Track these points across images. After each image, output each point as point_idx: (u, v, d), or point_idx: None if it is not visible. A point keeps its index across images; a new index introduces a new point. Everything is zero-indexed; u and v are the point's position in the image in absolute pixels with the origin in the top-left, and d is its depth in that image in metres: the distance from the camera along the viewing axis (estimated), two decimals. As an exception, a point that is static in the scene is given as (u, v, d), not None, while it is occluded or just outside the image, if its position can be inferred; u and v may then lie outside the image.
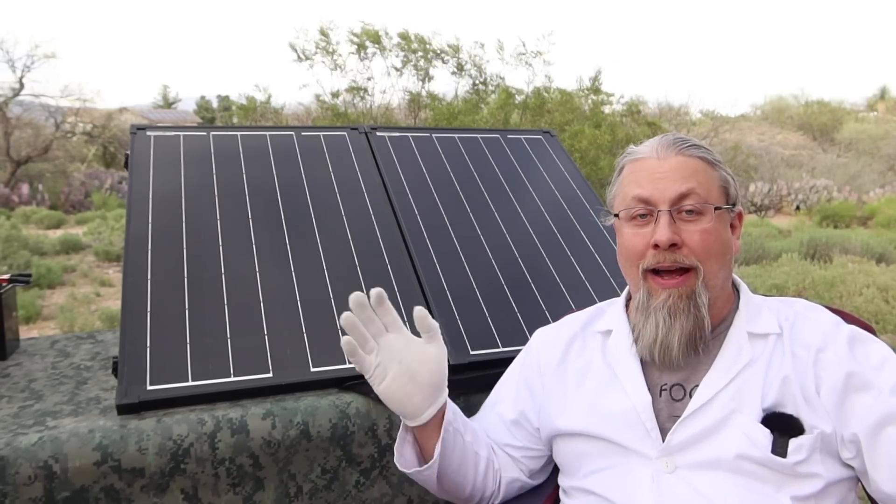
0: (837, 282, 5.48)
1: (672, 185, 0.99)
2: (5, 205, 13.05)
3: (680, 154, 1.02)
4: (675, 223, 0.99)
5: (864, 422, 0.91)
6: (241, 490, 1.22)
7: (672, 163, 1.01)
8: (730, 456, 0.93)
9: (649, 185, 1.01)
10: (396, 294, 1.53)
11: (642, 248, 1.01)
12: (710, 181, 1.02)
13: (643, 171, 1.03)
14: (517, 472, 1.17)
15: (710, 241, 0.99)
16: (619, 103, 12.56)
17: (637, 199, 1.02)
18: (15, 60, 17.56)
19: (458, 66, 11.93)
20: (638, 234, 1.02)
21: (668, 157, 1.02)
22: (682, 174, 1.00)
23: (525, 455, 1.17)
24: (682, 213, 0.99)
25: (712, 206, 1.00)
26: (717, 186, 1.02)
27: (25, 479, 1.09)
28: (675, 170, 1.01)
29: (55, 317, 5.65)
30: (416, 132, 2.09)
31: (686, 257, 0.98)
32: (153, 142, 1.80)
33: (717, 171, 1.03)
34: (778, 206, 14.43)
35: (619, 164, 1.10)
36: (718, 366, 0.99)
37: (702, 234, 0.98)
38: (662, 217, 0.98)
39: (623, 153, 1.10)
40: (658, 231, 0.98)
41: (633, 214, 1.02)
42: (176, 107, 35.87)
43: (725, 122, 17.95)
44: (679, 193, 0.99)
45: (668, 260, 0.98)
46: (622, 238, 1.06)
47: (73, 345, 1.70)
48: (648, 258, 1.00)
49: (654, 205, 1.00)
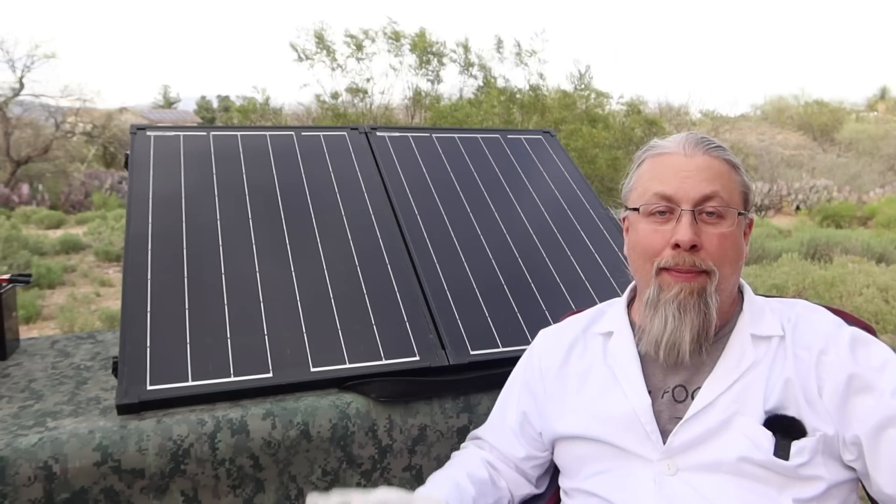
0: (837, 282, 5.48)
1: (697, 185, 0.98)
2: (5, 205, 13.05)
3: (707, 154, 1.00)
4: (697, 224, 0.97)
5: (865, 424, 0.91)
6: (241, 492, 1.22)
7: (698, 162, 0.99)
8: (732, 458, 0.93)
9: (674, 183, 0.99)
10: (396, 294, 1.53)
11: (660, 245, 0.99)
12: (733, 185, 1.00)
13: (667, 167, 1.01)
14: (527, 486, 1.17)
15: (728, 246, 0.98)
16: (619, 103, 12.57)
17: (659, 196, 0.99)
18: (15, 60, 17.57)
19: (467, 64, 11.97)
20: (657, 230, 0.99)
21: (695, 156, 1.00)
22: (707, 175, 0.98)
23: (533, 465, 1.16)
24: (703, 214, 0.98)
25: (734, 210, 0.99)
26: (739, 191, 1.01)
27: (25, 480, 1.09)
28: (702, 170, 0.99)
29: (55, 317, 5.65)
30: (416, 132, 2.09)
31: (703, 260, 0.96)
32: (153, 142, 1.80)
33: (740, 175, 1.02)
34: (778, 206, 14.43)
35: (639, 158, 1.07)
36: (721, 368, 0.98)
37: (720, 238, 0.97)
38: (685, 216, 0.97)
39: (645, 147, 1.07)
40: (680, 231, 0.96)
41: (653, 210, 1.00)
42: (176, 107, 35.86)
43: (725, 122, 17.95)
44: (703, 195, 0.97)
45: (686, 262, 0.96)
46: (637, 233, 1.03)
47: (73, 345, 1.70)
48: (666, 257, 0.98)
49: (676, 203, 0.98)
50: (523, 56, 11.86)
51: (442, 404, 1.36)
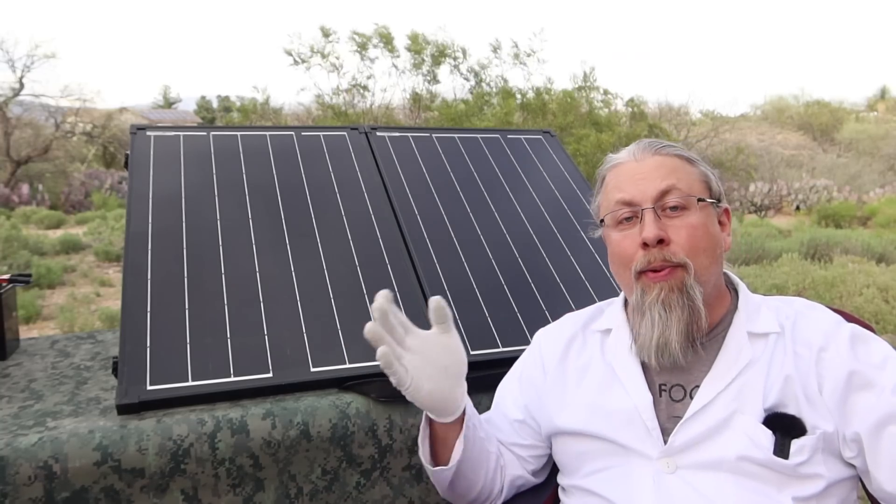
0: (837, 282, 5.48)
1: (652, 183, 1.01)
2: (5, 205, 13.06)
3: (657, 154, 1.04)
4: (661, 220, 0.99)
5: (865, 421, 0.91)
6: (241, 491, 1.22)
7: (650, 163, 1.03)
8: (732, 457, 0.93)
9: (631, 187, 1.02)
10: (397, 294, 1.53)
11: (632, 250, 1.01)
12: (690, 176, 1.03)
13: (623, 175, 1.05)
14: (521, 469, 1.17)
15: (698, 236, 0.99)
16: (626, 104, 12.59)
17: (621, 203, 1.03)
18: (15, 60, 17.58)
19: (467, 69, 11.99)
20: (626, 236, 1.02)
21: (646, 158, 1.04)
22: (661, 172, 1.02)
23: (531, 454, 1.16)
24: (666, 210, 1.00)
25: (695, 198, 1.00)
26: (699, 181, 1.03)
27: (25, 480, 1.09)
28: (654, 169, 1.02)
29: (55, 317, 5.65)
30: (416, 132, 2.09)
31: (675, 254, 0.98)
32: (153, 142, 1.80)
33: (696, 167, 1.05)
34: (778, 206, 14.43)
35: (600, 175, 1.11)
36: (719, 366, 0.98)
37: (688, 228, 0.98)
38: (647, 215, 0.99)
39: (602, 163, 1.11)
40: (645, 229, 0.98)
41: (619, 218, 1.03)
42: (176, 107, 35.88)
43: (725, 122, 17.94)
44: (660, 190, 1.00)
45: (657, 259, 0.98)
46: (611, 244, 1.06)
47: (73, 345, 1.70)
48: (639, 259, 1.00)
49: (637, 205, 1.01)
50: (521, 56, 11.87)
51: (442, 404, 1.36)
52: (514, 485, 1.17)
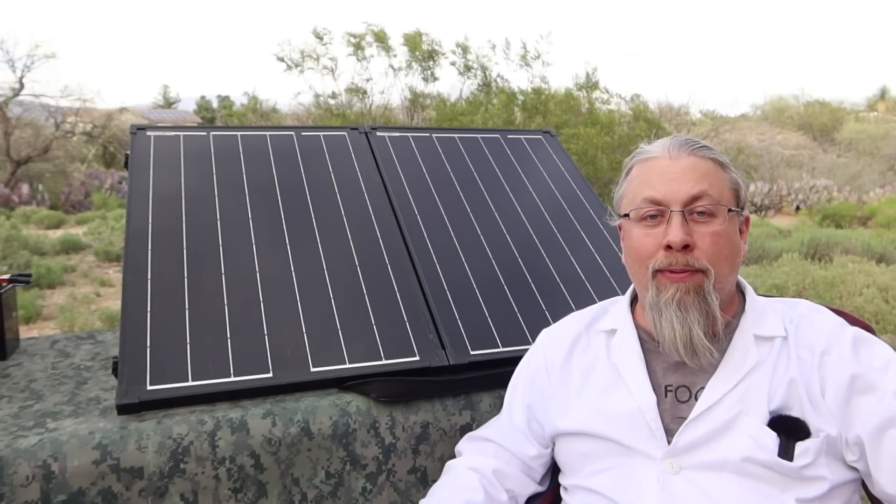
0: (838, 282, 5.48)
1: (685, 185, 0.98)
2: (5, 205, 13.05)
3: (692, 155, 1.01)
4: (687, 224, 0.97)
5: (867, 424, 0.91)
6: (242, 497, 1.21)
7: (684, 163, 1.00)
8: (736, 458, 0.93)
9: (661, 186, 0.99)
10: (396, 294, 1.53)
11: (653, 248, 0.99)
12: (722, 183, 1.01)
13: (654, 171, 1.02)
14: (533, 485, 1.16)
15: (722, 244, 0.98)
16: (622, 102, 12.56)
17: (648, 200, 1.00)
18: (15, 60, 17.58)
19: (466, 67, 11.96)
20: (649, 234, 1.00)
21: (681, 158, 1.01)
22: (694, 175, 0.99)
23: (539, 462, 1.16)
24: (693, 214, 0.98)
25: (725, 207, 0.99)
26: (729, 189, 1.01)
27: (23, 480, 1.08)
28: (688, 170, 1.00)
29: (55, 317, 5.65)
30: (416, 132, 2.09)
31: (697, 260, 0.96)
32: (153, 142, 1.80)
33: (728, 173, 1.03)
34: (778, 206, 14.43)
35: (627, 165, 1.08)
36: (725, 368, 0.98)
37: (713, 236, 0.97)
38: (675, 218, 0.97)
39: (632, 154, 1.08)
40: (671, 232, 0.97)
41: (644, 215, 1.01)
42: (176, 107, 35.86)
43: (725, 122, 17.94)
44: (692, 195, 0.98)
45: (679, 262, 0.97)
46: (631, 239, 1.04)
47: (73, 345, 1.70)
48: (659, 259, 0.98)
49: (666, 205, 0.99)
50: (528, 59, 11.86)
51: (443, 402, 1.36)
52: (525, 498, 1.17)
